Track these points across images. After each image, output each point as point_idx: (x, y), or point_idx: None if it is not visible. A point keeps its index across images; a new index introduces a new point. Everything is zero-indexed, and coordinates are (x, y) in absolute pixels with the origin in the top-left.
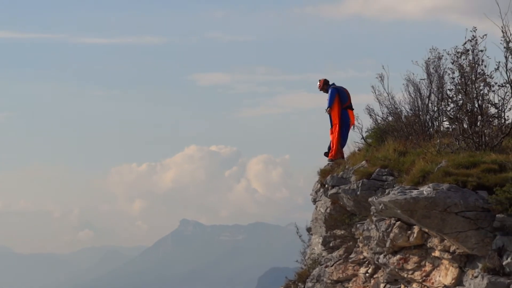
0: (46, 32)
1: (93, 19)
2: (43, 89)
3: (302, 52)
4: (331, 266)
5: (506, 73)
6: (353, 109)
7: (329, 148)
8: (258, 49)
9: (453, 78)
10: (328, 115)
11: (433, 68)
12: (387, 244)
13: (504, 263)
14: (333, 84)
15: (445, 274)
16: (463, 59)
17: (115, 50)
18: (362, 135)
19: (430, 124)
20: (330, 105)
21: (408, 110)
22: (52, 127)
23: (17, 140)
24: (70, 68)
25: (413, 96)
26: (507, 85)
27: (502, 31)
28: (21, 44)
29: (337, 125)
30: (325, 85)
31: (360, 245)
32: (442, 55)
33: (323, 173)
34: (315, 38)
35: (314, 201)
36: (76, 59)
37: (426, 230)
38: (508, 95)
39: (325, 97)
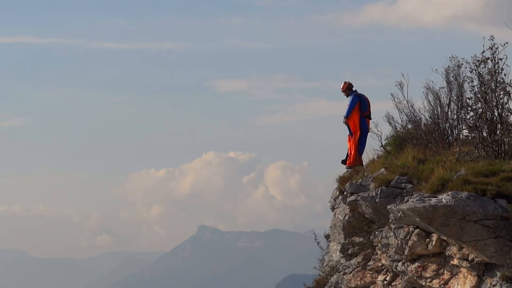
0: (64, 37)
1: (113, 24)
2: (61, 95)
3: (321, 59)
4: (349, 273)
5: None
6: (371, 119)
7: (347, 155)
8: (277, 56)
9: (473, 87)
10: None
11: (452, 77)
12: (406, 252)
13: None
14: (355, 91)
15: (464, 282)
16: (482, 68)
17: (134, 55)
18: (381, 143)
19: (449, 132)
20: (347, 116)
21: (428, 118)
22: (71, 132)
23: (36, 145)
24: (88, 74)
25: (432, 104)
26: None
27: None
28: (40, 49)
29: (357, 133)
30: (347, 89)
31: (379, 252)
32: (462, 64)
33: (342, 180)
34: (334, 45)
35: (333, 208)
36: (95, 64)
37: (445, 238)
38: None
39: (345, 101)
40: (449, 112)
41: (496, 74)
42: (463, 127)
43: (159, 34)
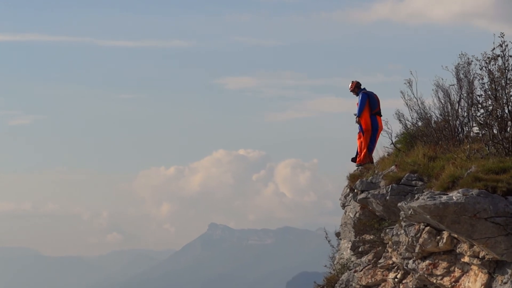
0: (72, 34)
1: (120, 22)
2: (70, 92)
3: (329, 56)
4: (360, 271)
5: None
6: (381, 116)
7: (357, 153)
8: (285, 53)
9: (483, 84)
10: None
11: (462, 74)
12: (416, 250)
13: None
14: (364, 88)
15: (474, 280)
16: (493, 65)
17: (143, 53)
18: (391, 140)
19: (460, 129)
20: (359, 115)
21: (438, 115)
22: (80, 130)
23: (46, 143)
24: (97, 71)
25: (442, 101)
26: None
27: None
28: (49, 47)
29: (369, 131)
30: (356, 88)
31: (389, 250)
32: (472, 61)
33: (352, 177)
34: (342, 42)
35: (343, 205)
36: (103, 62)
37: (456, 236)
38: None
39: (354, 100)
40: (460, 110)
41: (506, 71)
42: (474, 125)
43: (166, 31)
